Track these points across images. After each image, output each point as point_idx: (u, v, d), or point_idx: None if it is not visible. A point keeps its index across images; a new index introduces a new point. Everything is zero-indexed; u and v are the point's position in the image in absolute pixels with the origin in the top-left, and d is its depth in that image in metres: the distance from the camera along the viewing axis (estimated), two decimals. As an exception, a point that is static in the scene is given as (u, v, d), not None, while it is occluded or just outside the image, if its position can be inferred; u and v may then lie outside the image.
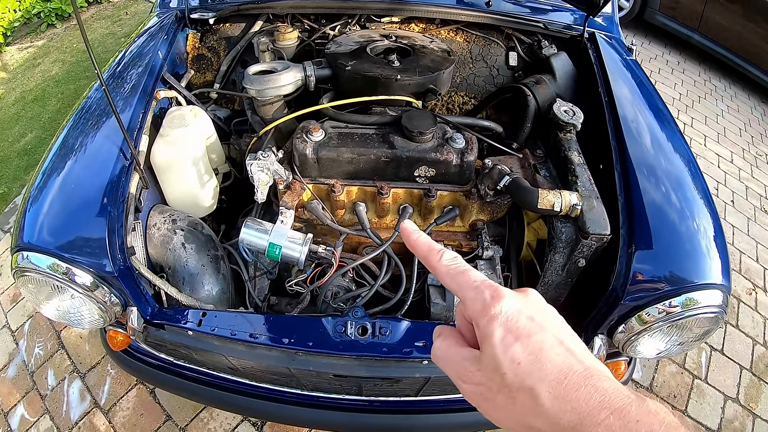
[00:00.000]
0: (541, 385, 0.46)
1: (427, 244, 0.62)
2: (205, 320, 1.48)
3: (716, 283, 1.42)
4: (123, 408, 2.52)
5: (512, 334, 0.49)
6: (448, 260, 0.59)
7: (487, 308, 0.51)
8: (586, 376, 0.46)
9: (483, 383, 0.51)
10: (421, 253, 0.62)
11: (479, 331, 0.52)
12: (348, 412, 1.80)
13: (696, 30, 5.94)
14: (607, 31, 2.43)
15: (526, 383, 0.47)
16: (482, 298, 0.53)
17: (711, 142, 4.77)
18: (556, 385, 0.46)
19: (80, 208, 1.47)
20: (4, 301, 3.08)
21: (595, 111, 1.89)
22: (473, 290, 0.54)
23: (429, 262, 0.60)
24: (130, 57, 2.04)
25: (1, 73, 5.66)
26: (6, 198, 3.87)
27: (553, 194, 1.52)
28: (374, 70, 1.84)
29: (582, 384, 0.46)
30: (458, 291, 0.56)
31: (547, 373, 0.47)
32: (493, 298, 0.52)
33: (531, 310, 0.52)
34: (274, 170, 1.63)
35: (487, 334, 0.51)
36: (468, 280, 0.55)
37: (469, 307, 0.54)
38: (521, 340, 0.49)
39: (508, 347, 0.49)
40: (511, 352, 0.48)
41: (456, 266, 0.58)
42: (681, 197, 1.60)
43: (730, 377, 2.82)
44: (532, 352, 0.48)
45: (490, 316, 0.51)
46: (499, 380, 0.49)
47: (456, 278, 0.57)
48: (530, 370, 0.47)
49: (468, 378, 0.53)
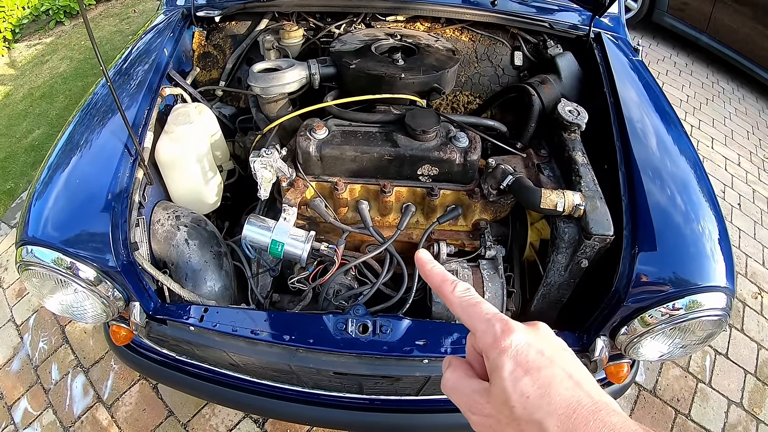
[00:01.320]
0: (550, 419, 0.47)
1: (441, 274, 0.62)
2: (207, 316, 1.48)
3: (720, 286, 1.40)
4: (126, 403, 2.53)
5: (522, 367, 0.50)
6: (461, 292, 0.59)
7: (498, 341, 0.52)
8: (594, 411, 0.46)
9: (492, 415, 0.52)
10: (435, 283, 0.62)
11: (489, 363, 0.53)
12: (348, 411, 1.80)
13: (704, 32, 5.90)
14: (613, 31, 2.43)
15: (535, 417, 0.48)
16: (493, 331, 0.53)
17: (718, 145, 4.74)
18: (565, 420, 0.46)
19: (85, 203, 1.48)
20: (10, 295, 3.10)
21: (600, 111, 1.88)
22: (484, 323, 0.54)
23: (442, 292, 0.61)
24: (136, 54, 2.05)
25: (10, 70, 5.69)
26: (13, 193, 3.89)
27: (556, 194, 1.52)
28: (379, 69, 1.83)
29: (590, 419, 0.46)
30: (469, 323, 0.56)
31: (555, 408, 0.47)
32: (503, 332, 0.52)
33: (541, 344, 0.52)
34: (277, 167, 1.64)
35: (496, 366, 0.51)
36: (480, 312, 0.56)
37: (479, 340, 0.54)
38: (531, 373, 0.49)
39: (518, 380, 0.49)
40: (520, 386, 0.49)
41: (469, 298, 0.58)
42: (686, 200, 1.58)
43: (734, 381, 2.80)
44: (541, 386, 0.48)
45: (500, 348, 0.51)
46: (507, 413, 0.50)
47: (468, 310, 0.57)
48: (539, 404, 0.48)
49: (477, 410, 0.54)
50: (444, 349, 1.41)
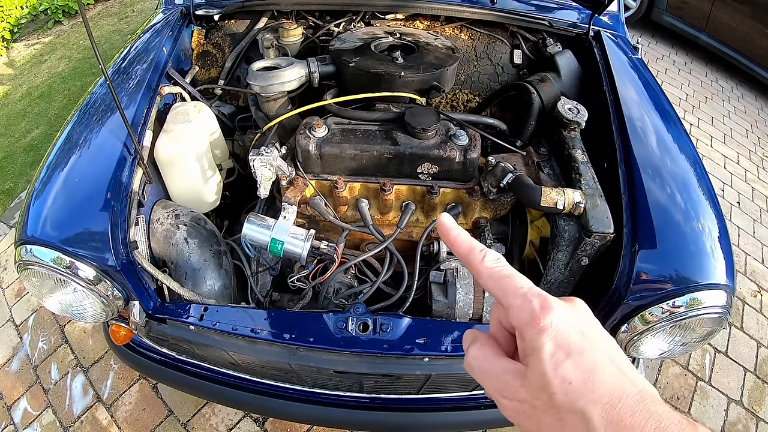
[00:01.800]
0: (594, 408, 0.43)
1: (468, 241, 0.57)
2: (207, 315, 1.48)
3: (720, 284, 1.41)
4: (125, 403, 2.53)
5: (563, 350, 0.46)
6: (491, 262, 0.54)
7: (536, 319, 0.47)
8: (639, 400, 0.43)
9: (527, 401, 0.48)
10: (462, 251, 0.56)
11: (525, 343, 0.49)
12: (349, 409, 1.80)
13: (703, 30, 5.90)
14: (612, 29, 2.42)
15: (578, 405, 0.44)
16: (530, 308, 0.48)
17: (717, 144, 4.74)
18: (610, 409, 0.43)
19: (84, 202, 1.48)
20: (9, 295, 3.09)
21: (600, 110, 1.88)
22: (520, 297, 0.50)
23: (470, 261, 0.55)
24: (135, 53, 2.05)
25: (8, 70, 5.68)
26: (11, 193, 3.89)
27: (556, 192, 1.52)
28: (378, 67, 1.83)
29: (636, 409, 0.43)
30: (502, 297, 0.52)
31: (600, 396, 0.44)
32: (542, 309, 0.48)
33: (581, 324, 0.49)
34: (277, 166, 1.64)
35: (535, 348, 0.47)
36: (514, 286, 0.51)
37: (514, 316, 0.50)
38: (572, 357, 0.46)
39: (559, 364, 0.45)
40: (562, 370, 0.45)
41: (500, 269, 0.53)
42: (686, 198, 1.59)
43: (733, 380, 2.80)
44: (585, 371, 0.45)
45: (539, 328, 0.47)
46: (546, 399, 0.46)
47: (500, 282, 0.52)
48: (582, 391, 0.44)
49: (510, 394, 0.49)
50: (444, 348, 1.40)
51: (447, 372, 1.49)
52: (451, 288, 1.60)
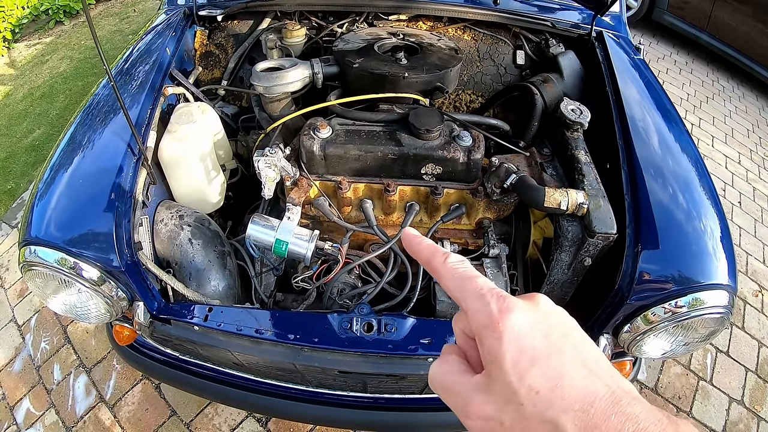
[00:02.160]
0: (565, 416, 0.40)
1: (431, 246, 0.54)
2: (212, 315, 1.48)
3: (722, 284, 1.41)
4: (128, 403, 2.53)
5: (527, 356, 0.42)
6: (453, 263, 0.51)
7: (494, 323, 0.44)
8: (613, 402, 0.40)
9: (494, 418, 0.43)
10: (425, 257, 0.54)
11: (485, 349, 0.45)
12: (352, 409, 1.80)
13: (704, 30, 5.90)
14: (614, 30, 2.43)
15: (547, 415, 0.40)
16: (488, 311, 0.45)
17: (719, 143, 4.74)
18: (582, 416, 0.39)
19: (88, 203, 1.48)
20: (11, 295, 3.09)
21: (602, 110, 1.88)
22: (478, 299, 0.46)
23: (433, 264, 0.52)
24: (137, 54, 2.05)
25: (10, 70, 5.68)
26: (14, 193, 3.88)
27: (559, 193, 1.52)
28: (382, 68, 1.84)
29: (611, 412, 0.39)
30: (461, 299, 0.48)
31: (570, 402, 0.40)
32: (501, 311, 0.44)
33: (545, 324, 0.45)
34: (281, 167, 1.64)
35: (496, 356, 0.43)
36: (474, 287, 0.47)
37: (471, 320, 0.46)
38: (538, 363, 0.42)
39: (525, 373, 0.41)
40: (528, 379, 0.41)
41: (463, 270, 0.50)
42: (688, 198, 1.59)
43: (735, 379, 2.80)
44: (552, 378, 0.41)
45: (498, 332, 0.43)
46: (513, 413, 0.42)
47: (460, 283, 0.49)
48: (551, 399, 0.40)
49: (474, 413, 0.45)
50: (449, 348, 1.40)
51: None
52: (455, 288, 1.60)
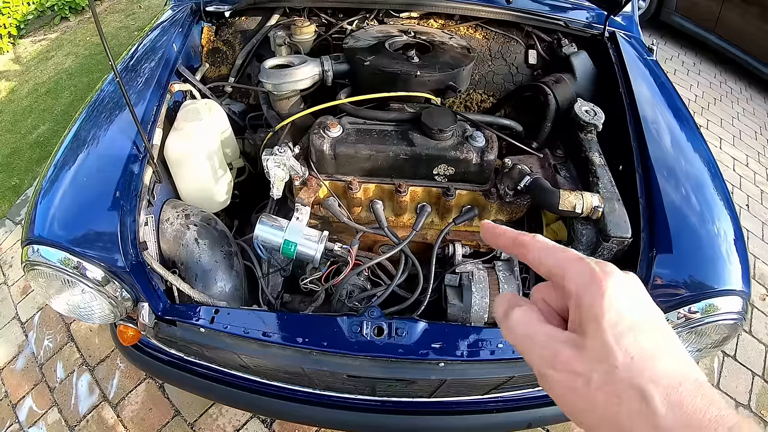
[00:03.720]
0: (654, 387, 0.39)
1: (513, 232, 0.54)
2: (218, 317, 1.45)
3: (736, 290, 1.39)
4: (132, 402, 2.51)
5: (625, 321, 0.42)
6: (543, 239, 0.52)
7: (598, 281, 0.44)
8: (699, 386, 0.40)
9: (582, 374, 0.43)
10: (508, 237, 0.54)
11: (582, 310, 0.44)
12: (360, 413, 1.77)
13: (712, 31, 5.88)
14: (626, 30, 2.40)
15: (637, 382, 0.40)
16: (590, 270, 0.45)
17: (726, 145, 4.72)
18: (671, 391, 0.39)
19: (92, 201, 1.46)
20: (15, 292, 3.08)
21: (615, 111, 1.85)
22: (578, 261, 0.46)
23: (521, 240, 0.52)
24: (143, 50, 2.02)
25: (15, 66, 5.67)
26: (18, 190, 3.88)
27: (574, 196, 1.49)
28: (393, 66, 1.81)
29: (698, 393, 0.39)
30: (556, 266, 0.48)
31: (661, 375, 0.40)
32: (603, 272, 0.44)
33: (644, 296, 0.45)
34: (290, 166, 1.61)
35: (596, 315, 0.43)
36: (571, 255, 0.48)
37: (572, 280, 0.46)
38: (636, 330, 0.42)
39: (622, 336, 0.41)
40: (625, 343, 0.41)
41: (553, 244, 0.50)
42: (701, 199, 1.57)
43: (742, 383, 2.78)
44: (648, 349, 0.41)
45: (601, 290, 0.43)
46: (604, 373, 0.41)
47: (555, 253, 0.49)
48: (643, 368, 0.40)
49: (562, 365, 0.44)
50: (460, 352, 1.38)
51: (462, 377, 1.46)
52: (467, 292, 1.58)
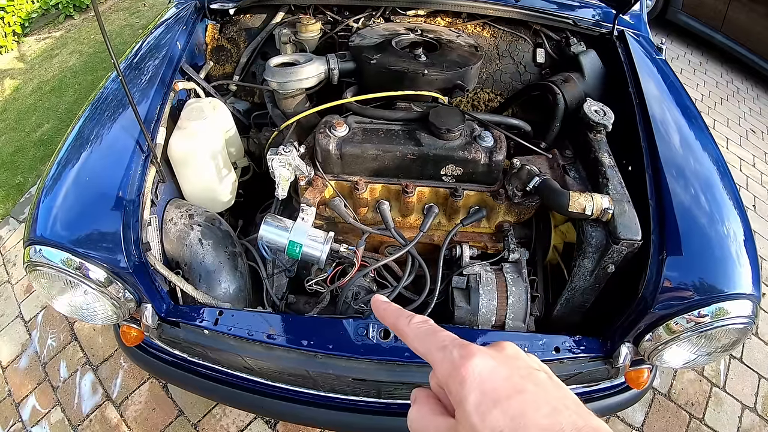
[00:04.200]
0: None
1: (396, 311, 0.58)
2: (222, 319, 1.44)
3: (746, 293, 1.36)
4: (135, 402, 2.50)
5: (489, 397, 0.44)
6: (417, 323, 0.55)
7: (457, 369, 0.46)
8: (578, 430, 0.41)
9: None
10: (391, 320, 0.57)
11: (452, 396, 0.47)
12: (365, 415, 1.76)
13: (719, 30, 5.86)
14: (635, 29, 2.38)
15: None
16: (450, 359, 0.48)
17: (733, 145, 4.69)
18: None
19: (95, 201, 1.44)
20: (18, 291, 3.07)
21: (624, 111, 1.83)
22: (441, 350, 0.49)
23: (398, 327, 0.56)
24: (147, 48, 2.00)
25: (19, 64, 5.67)
26: (22, 188, 3.87)
27: (584, 197, 1.47)
28: (400, 64, 1.79)
29: None
30: (427, 354, 0.51)
31: None
32: (462, 358, 0.47)
33: (507, 367, 0.47)
34: (295, 166, 1.59)
35: (460, 400, 0.45)
36: (436, 341, 0.51)
37: (438, 370, 0.49)
38: (500, 404, 0.43)
39: (486, 414, 0.43)
40: (490, 420, 0.43)
41: (426, 328, 0.53)
42: (710, 199, 1.55)
43: (748, 386, 2.76)
44: (514, 417, 0.42)
45: (461, 377, 0.46)
46: None
47: (424, 340, 0.52)
48: None
49: None
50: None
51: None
52: (474, 294, 1.56)
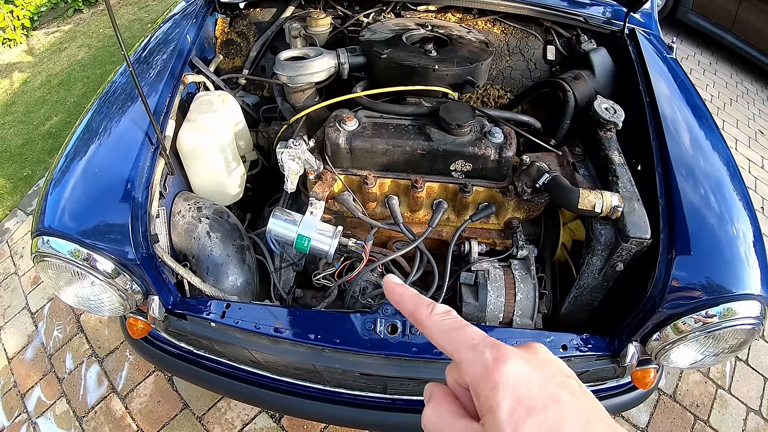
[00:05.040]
0: None
1: (414, 297, 0.54)
2: (229, 312, 1.44)
3: (755, 294, 1.35)
4: (140, 394, 2.50)
5: (523, 406, 0.41)
6: (440, 315, 0.50)
7: (490, 373, 0.43)
8: None
9: None
10: (408, 308, 0.53)
11: (480, 401, 0.44)
12: (371, 410, 1.75)
13: (729, 30, 5.82)
14: (646, 27, 2.36)
15: None
16: (482, 360, 0.44)
17: (742, 147, 4.66)
18: None
19: (103, 193, 1.43)
20: (25, 283, 3.09)
21: (633, 109, 1.82)
22: (471, 350, 0.45)
23: (418, 317, 0.52)
24: (157, 41, 2.00)
25: (28, 57, 5.69)
26: (30, 180, 3.89)
27: (594, 195, 1.46)
28: (411, 59, 1.78)
29: None
30: (453, 351, 0.47)
31: None
32: (496, 360, 0.43)
33: (542, 374, 0.44)
34: (305, 159, 1.59)
35: (492, 406, 0.42)
36: (465, 338, 0.47)
37: (466, 371, 0.45)
38: (535, 413, 0.40)
39: (520, 424, 0.40)
40: (524, 430, 0.40)
41: (451, 321, 0.49)
42: (720, 199, 1.53)
43: (753, 388, 2.74)
44: (549, 429, 0.40)
45: (494, 382, 0.42)
46: None
47: (450, 335, 0.48)
48: None
49: None
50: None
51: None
52: (482, 290, 1.55)
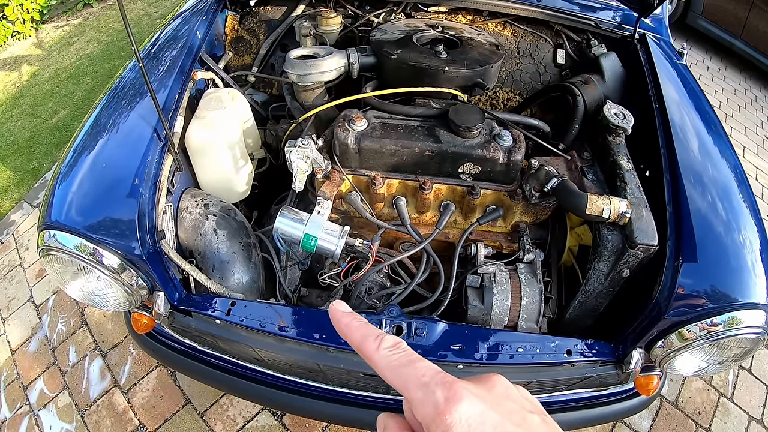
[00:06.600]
0: None
1: (362, 328, 0.50)
2: (234, 310, 1.44)
3: (760, 303, 1.35)
4: (143, 389, 2.51)
5: None
6: (388, 349, 0.47)
7: (441, 415, 0.40)
8: None
9: None
10: (355, 340, 0.50)
11: None
12: (374, 410, 1.74)
13: (739, 37, 5.80)
14: (656, 32, 2.35)
15: None
16: (434, 401, 0.41)
17: (750, 154, 4.64)
18: None
19: (110, 188, 1.43)
20: (30, 275, 3.09)
21: (642, 115, 1.81)
22: (421, 388, 0.42)
23: (364, 350, 0.48)
24: (166, 37, 2.00)
25: (37, 51, 5.70)
26: (36, 173, 3.90)
27: (602, 200, 1.46)
28: (421, 60, 1.78)
29: None
30: (403, 389, 0.44)
31: None
32: (447, 400, 0.41)
33: (498, 411, 0.42)
34: (313, 158, 1.59)
35: None
36: (415, 374, 0.44)
37: (418, 411, 0.42)
38: None
39: None
40: None
41: (400, 356, 0.46)
42: (727, 207, 1.53)
43: (756, 397, 2.73)
44: None
45: (445, 425, 0.40)
46: None
47: (399, 371, 0.45)
48: None
49: None
50: (479, 356, 1.36)
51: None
52: (488, 293, 1.55)
